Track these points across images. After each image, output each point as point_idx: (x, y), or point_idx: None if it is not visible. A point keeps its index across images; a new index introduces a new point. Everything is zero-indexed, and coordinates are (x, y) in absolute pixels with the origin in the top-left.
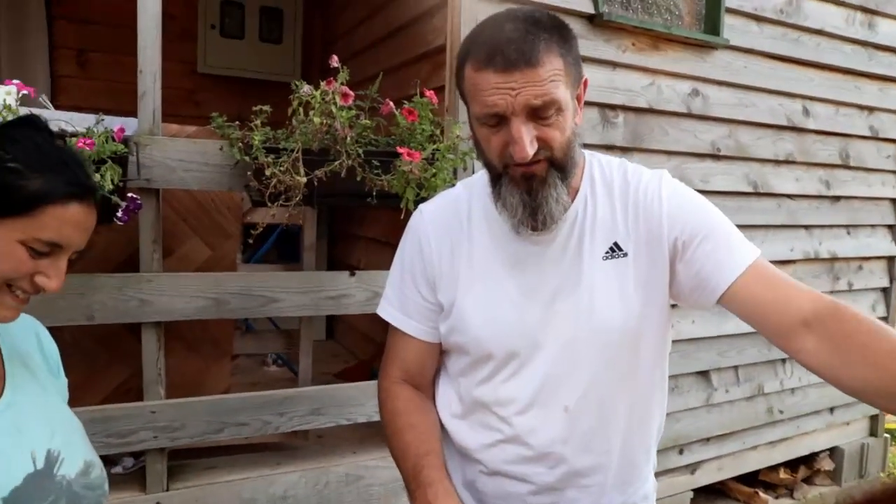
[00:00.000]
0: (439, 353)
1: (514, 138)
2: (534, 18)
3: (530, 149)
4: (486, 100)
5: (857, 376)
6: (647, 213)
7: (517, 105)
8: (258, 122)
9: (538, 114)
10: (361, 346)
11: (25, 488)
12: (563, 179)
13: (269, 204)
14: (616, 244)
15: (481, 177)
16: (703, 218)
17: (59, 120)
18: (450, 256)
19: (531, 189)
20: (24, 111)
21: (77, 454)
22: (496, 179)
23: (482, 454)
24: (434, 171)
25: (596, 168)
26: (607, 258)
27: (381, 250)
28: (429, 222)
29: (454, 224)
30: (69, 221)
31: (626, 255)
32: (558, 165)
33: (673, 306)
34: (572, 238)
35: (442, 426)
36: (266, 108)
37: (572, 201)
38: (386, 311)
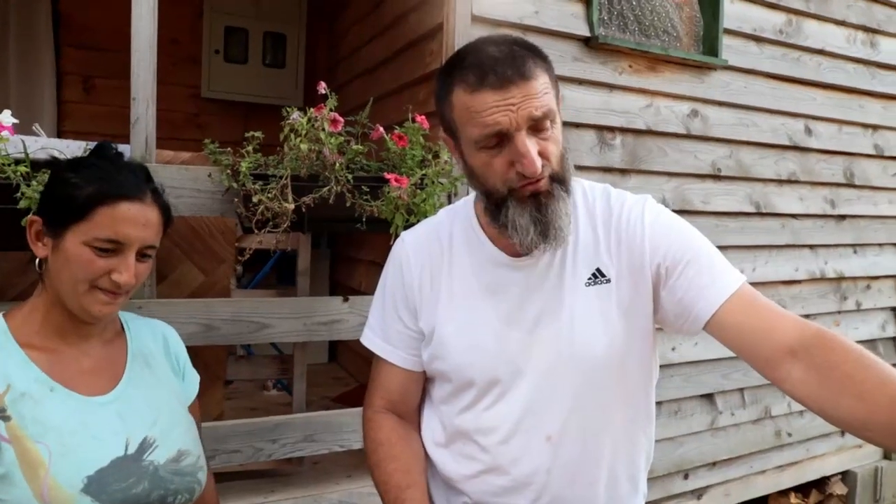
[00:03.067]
0: (423, 381)
1: (521, 153)
2: (513, 40)
3: (538, 162)
4: (485, 120)
5: (844, 408)
6: (629, 240)
7: (520, 119)
8: (250, 148)
9: (538, 126)
10: (362, 370)
11: (110, 469)
12: (566, 191)
13: (257, 231)
14: (598, 270)
15: (465, 203)
16: (686, 244)
17: (51, 148)
18: (430, 283)
19: (540, 205)
20: (14, 140)
21: (173, 443)
22: (499, 204)
23: (466, 485)
24: (424, 196)
25: (579, 194)
26: (590, 284)
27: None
28: (410, 249)
29: (435, 251)
30: (120, 218)
31: (608, 281)
32: (559, 178)
33: (659, 329)
34: (554, 264)
35: (427, 455)
36: (258, 134)
37: None
38: (369, 339)
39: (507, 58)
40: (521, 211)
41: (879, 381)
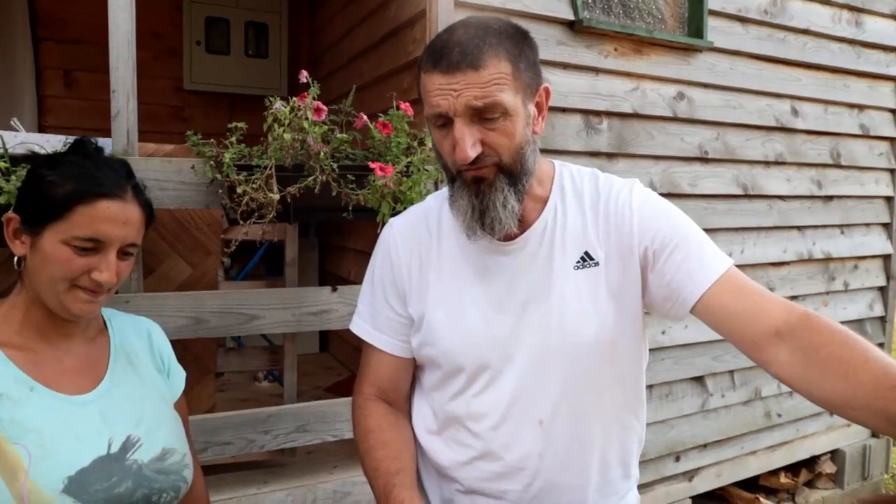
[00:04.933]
0: (413, 368)
1: (455, 139)
2: (486, 24)
3: (471, 151)
4: (431, 100)
5: (829, 388)
6: (618, 223)
7: (458, 106)
8: (233, 138)
9: (482, 116)
10: (353, 359)
11: (91, 469)
12: (513, 185)
13: (242, 222)
14: (587, 253)
15: None
16: (674, 227)
17: (31, 143)
18: (419, 269)
19: (479, 192)
20: None
21: (157, 442)
22: (451, 182)
23: (458, 472)
24: (410, 183)
25: (567, 178)
26: (578, 267)
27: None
28: (398, 235)
29: (424, 236)
30: (99, 217)
31: (597, 264)
32: (507, 171)
33: (647, 314)
34: (542, 247)
35: (418, 443)
36: (241, 124)
37: (542, 211)
38: (358, 326)
39: (466, 43)
40: (462, 192)
41: (863, 361)
